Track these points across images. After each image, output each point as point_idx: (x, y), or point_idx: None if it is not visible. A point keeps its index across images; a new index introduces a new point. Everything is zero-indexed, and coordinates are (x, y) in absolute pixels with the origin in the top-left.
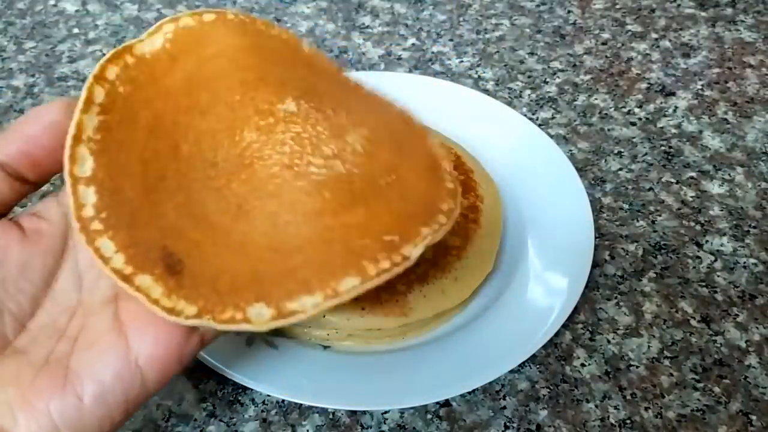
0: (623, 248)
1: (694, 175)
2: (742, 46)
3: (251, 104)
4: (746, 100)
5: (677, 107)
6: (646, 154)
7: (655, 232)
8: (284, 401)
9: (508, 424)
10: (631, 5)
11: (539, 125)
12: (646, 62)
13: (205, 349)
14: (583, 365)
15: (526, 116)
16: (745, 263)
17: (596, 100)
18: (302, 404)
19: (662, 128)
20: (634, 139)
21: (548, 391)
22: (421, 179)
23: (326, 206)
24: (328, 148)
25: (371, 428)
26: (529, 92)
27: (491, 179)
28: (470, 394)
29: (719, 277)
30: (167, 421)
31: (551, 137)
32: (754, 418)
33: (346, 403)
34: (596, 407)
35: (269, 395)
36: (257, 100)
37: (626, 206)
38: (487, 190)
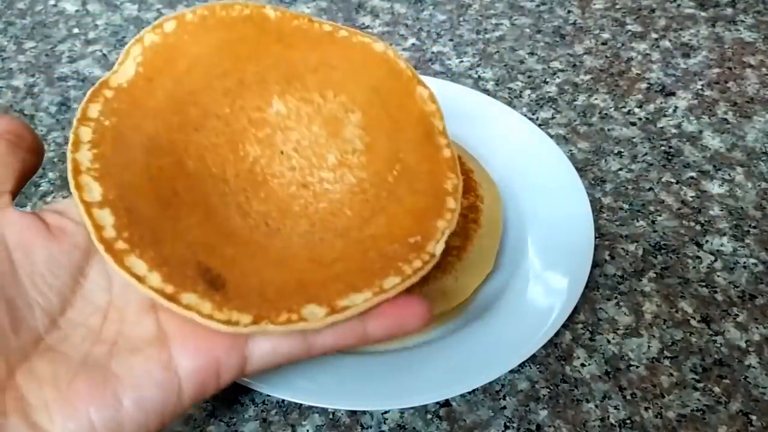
0: (623, 248)
1: (694, 175)
2: (742, 46)
3: (242, 114)
4: (746, 100)
5: (677, 107)
6: (646, 154)
7: (655, 232)
8: (284, 401)
9: (508, 424)
10: (631, 5)
11: (539, 125)
12: (646, 62)
13: None
14: (583, 365)
15: (526, 116)
16: (745, 263)
17: (596, 100)
18: (302, 404)
19: (662, 128)
20: (634, 139)
21: (548, 391)
22: (421, 158)
23: (351, 223)
24: (331, 155)
25: (371, 428)
26: (529, 92)
27: (491, 179)
28: (470, 394)
29: (719, 277)
30: None
31: (551, 137)
32: (754, 418)
33: (346, 403)
34: (596, 407)
35: (269, 395)
36: (246, 108)
37: (626, 206)
38: (487, 190)
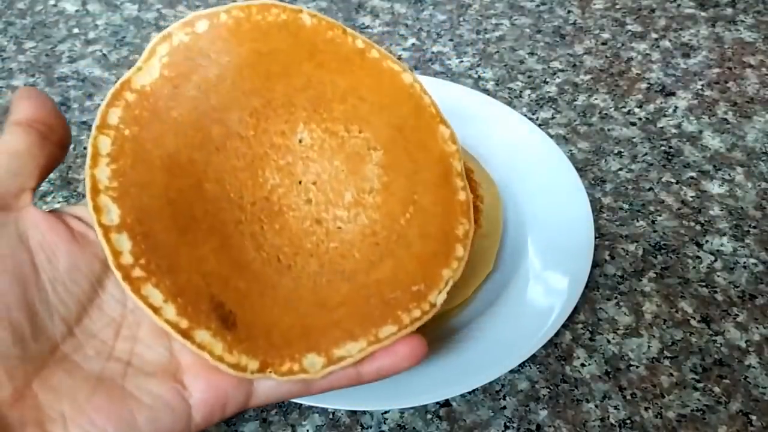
0: (623, 248)
1: (694, 175)
2: (742, 46)
3: (265, 137)
4: (746, 100)
5: (677, 107)
6: (646, 154)
7: (655, 232)
8: (284, 401)
9: (508, 424)
10: (631, 5)
11: (539, 125)
12: (646, 62)
13: None
14: (583, 365)
15: (526, 116)
16: (745, 263)
17: (596, 100)
18: (302, 404)
19: (662, 128)
20: (634, 139)
21: (548, 391)
22: (436, 200)
23: (358, 266)
24: (348, 192)
25: (371, 428)
26: (529, 92)
27: (491, 179)
28: (470, 394)
29: (719, 277)
30: None
31: (551, 137)
32: (754, 418)
33: (346, 403)
34: (596, 407)
35: None
36: (270, 132)
37: (626, 206)
38: (487, 190)
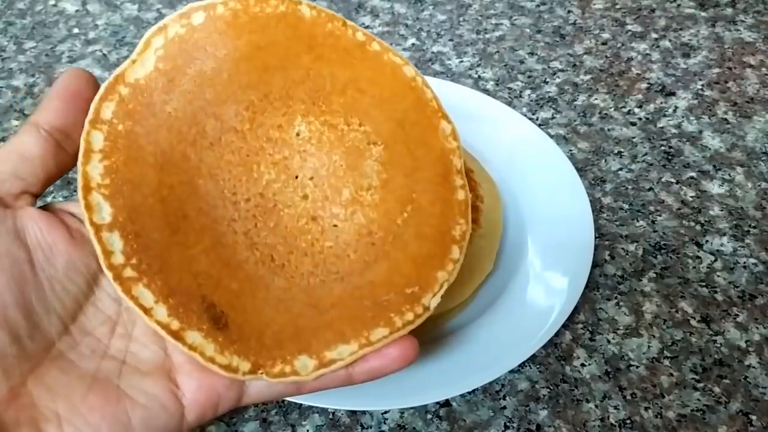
0: (623, 248)
1: (694, 175)
2: (742, 46)
3: (261, 131)
4: (746, 100)
5: (677, 107)
6: (646, 154)
7: (655, 232)
8: (284, 401)
9: (508, 424)
10: (631, 5)
11: (539, 125)
12: (646, 62)
13: None
14: (583, 365)
15: (526, 116)
16: (745, 263)
17: (596, 100)
18: (302, 404)
19: (662, 128)
20: (634, 139)
21: (548, 391)
22: (435, 199)
23: (353, 267)
24: (346, 189)
25: (371, 428)
26: (529, 92)
27: (491, 179)
28: (470, 394)
29: (719, 277)
30: None
31: (551, 137)
32: (754, 418)
33: (346, 403)
34: (596, 407)
35: None
36: (266, 126)
37: (626, 206)
38: (487, 190)
